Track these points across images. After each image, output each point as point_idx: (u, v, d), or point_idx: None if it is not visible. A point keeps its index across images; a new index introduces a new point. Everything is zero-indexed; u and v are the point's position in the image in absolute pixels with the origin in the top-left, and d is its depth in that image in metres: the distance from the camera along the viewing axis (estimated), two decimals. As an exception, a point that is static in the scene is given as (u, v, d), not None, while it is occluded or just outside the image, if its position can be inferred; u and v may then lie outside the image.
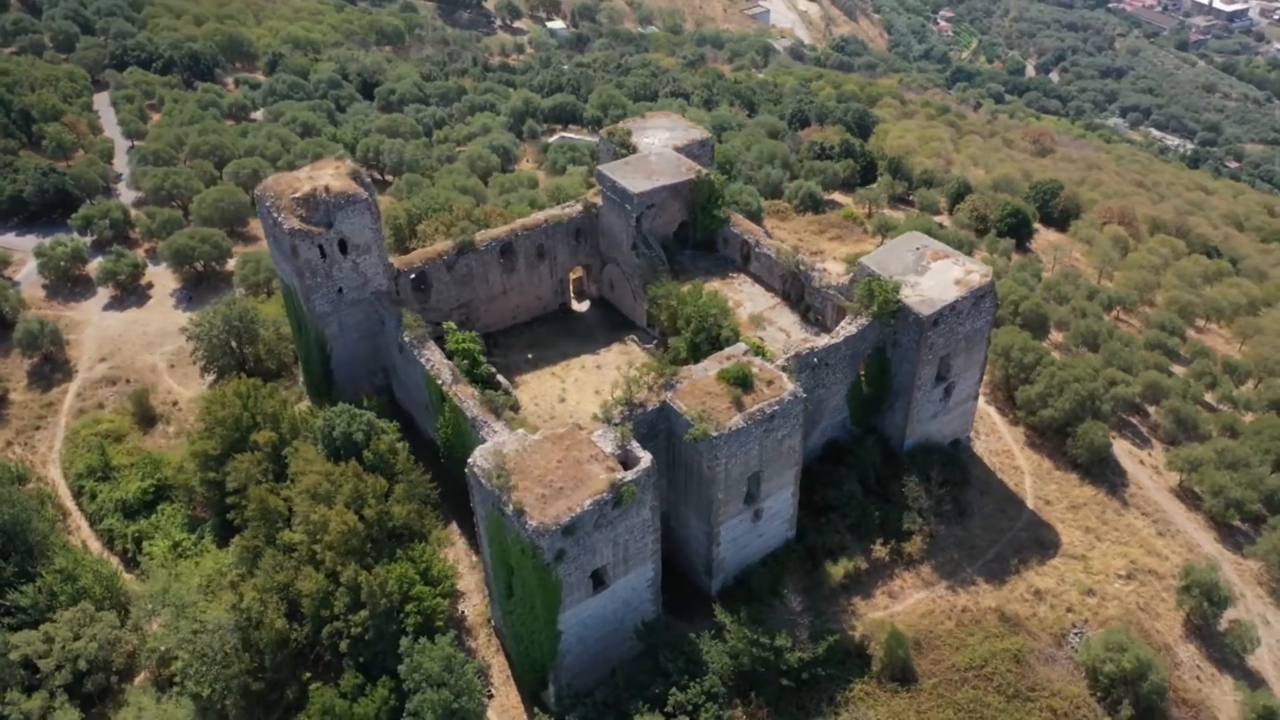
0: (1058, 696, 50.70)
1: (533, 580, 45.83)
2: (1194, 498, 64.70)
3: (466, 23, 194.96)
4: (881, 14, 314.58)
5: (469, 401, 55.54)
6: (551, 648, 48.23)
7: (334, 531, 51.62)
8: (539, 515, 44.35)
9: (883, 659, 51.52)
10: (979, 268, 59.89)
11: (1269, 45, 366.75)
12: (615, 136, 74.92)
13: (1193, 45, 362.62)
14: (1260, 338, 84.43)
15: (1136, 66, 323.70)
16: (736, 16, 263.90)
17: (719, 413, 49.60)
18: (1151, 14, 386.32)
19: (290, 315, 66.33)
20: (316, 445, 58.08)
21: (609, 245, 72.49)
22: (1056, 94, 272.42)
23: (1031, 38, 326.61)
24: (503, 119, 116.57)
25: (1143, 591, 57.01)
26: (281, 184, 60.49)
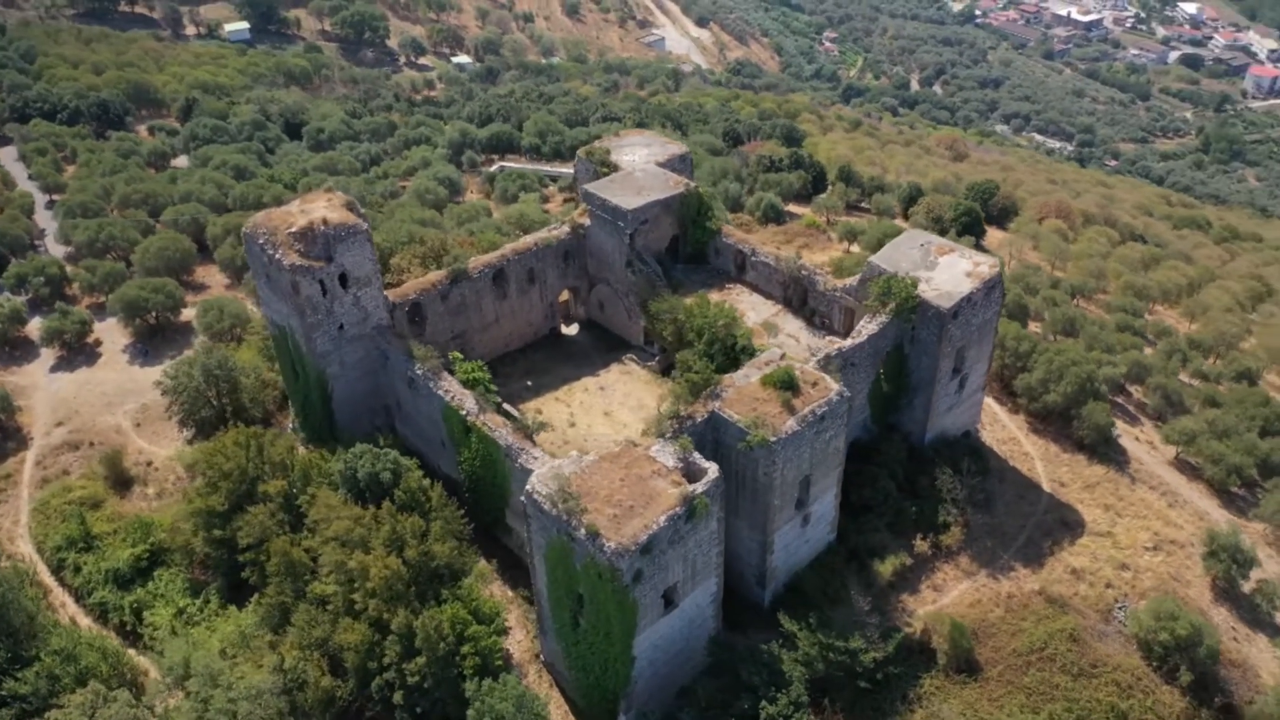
0: (1119, 670, 51.42)
1: (610, 605, 44.14)
2: (1190, 469, 66.91)
3: (371, 61, 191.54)
4: (770, 37, 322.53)
5: (500, 430, 53.59)
6: (626, 675, 46.53)
7: (376, 578, 48.87)
8: (616, 536, 42.85)
9: (947, 651, 51.44)
10: (986, 259, 61.06)
11: (1125, 51, 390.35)
12: (595, 156, 74.13)
13: (1057, 54, 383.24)
14: (1208, 315, 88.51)
15: (1011, 76, 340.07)
16: (633, 45, 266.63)
17: (772, 418, 49.00)
18: (1016, 27, 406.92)
19: (282, 358, 63.02)
20: (337, 490, 55.14)
21: (598, 265, 71.41)
22: (944, 105, 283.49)
23: (911, 54, 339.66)
24: (441, 151, 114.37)
25: (1170, 561, 58.51)
26: (273, 219, 57.63)
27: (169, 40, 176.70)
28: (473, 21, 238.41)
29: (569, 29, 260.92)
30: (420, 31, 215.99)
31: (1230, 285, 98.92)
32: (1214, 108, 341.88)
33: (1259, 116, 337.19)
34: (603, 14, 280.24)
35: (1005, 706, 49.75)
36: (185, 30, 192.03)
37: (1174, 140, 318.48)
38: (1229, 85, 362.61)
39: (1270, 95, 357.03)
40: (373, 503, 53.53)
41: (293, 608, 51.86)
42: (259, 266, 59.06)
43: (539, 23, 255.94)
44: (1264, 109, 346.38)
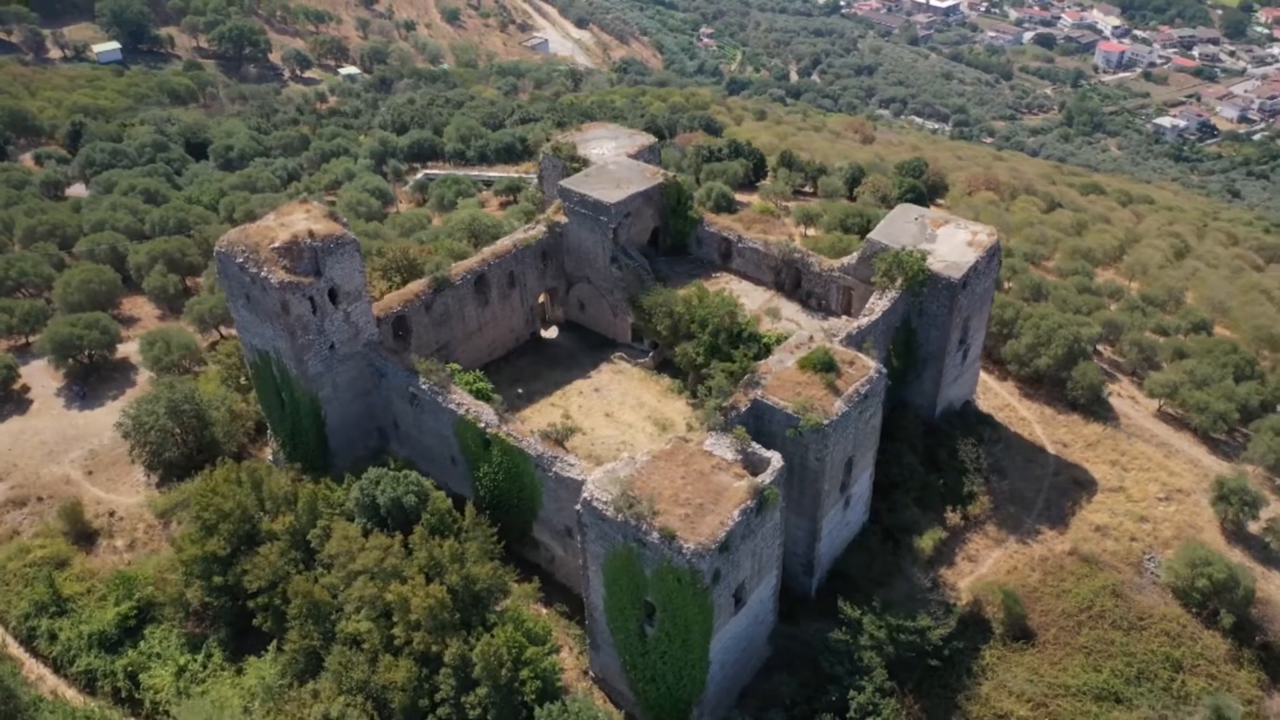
0: (1164, 620, 52.18)
1: (690, 610, 42.03)
2: (1173, 420, 68.79)
3: (255, 77, 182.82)
4: (650, 36, 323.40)
5: (529, 439, 50.76)
6: (701, 681, 44.53)
7: (418, 609, 45.49)
8: (693, 536, 40.82)
9: (1002, 620, 51.22)
10: (981, 228, 61.34)
11: (983, 34, 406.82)
12: (562, 152, 71.68)
13: (921, 40, 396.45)
14: (1149, 274, 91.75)
15: (883, 63, 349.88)
16: (517, 49, 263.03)
17: (819, 401, 47.74)
18: (880, 15, 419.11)
19: (263, 386, 58.45)
20: (352, 520, 51.33)
21: (578, 264, 69.00)
22: (826, 94, 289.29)
23: (787, 45, 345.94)
24: (364, 162, 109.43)
25: (1182, 510, 59.84)
26: (252, 236, 53.29)
27: (34, 65, 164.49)
28: (354, 32, 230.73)
29: (451, 35, 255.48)
30: (302, 44, 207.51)
31: (1156, 243, 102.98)
32: (1071, 83, 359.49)
33: (1112, 89, 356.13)
34: (483, 19, 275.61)
35: (1068, 668, 49.80)
36: (49, 54, 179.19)
37: (1039, 116, 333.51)
38: (1081, 61, 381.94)
39: (1119, 69, 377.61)
40: (396, 530, 49.97)
41: (322, 651, 47.91)
42: (236, 288, 54.54)
43: (421, 30, 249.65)
44: (1115, 82, 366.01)
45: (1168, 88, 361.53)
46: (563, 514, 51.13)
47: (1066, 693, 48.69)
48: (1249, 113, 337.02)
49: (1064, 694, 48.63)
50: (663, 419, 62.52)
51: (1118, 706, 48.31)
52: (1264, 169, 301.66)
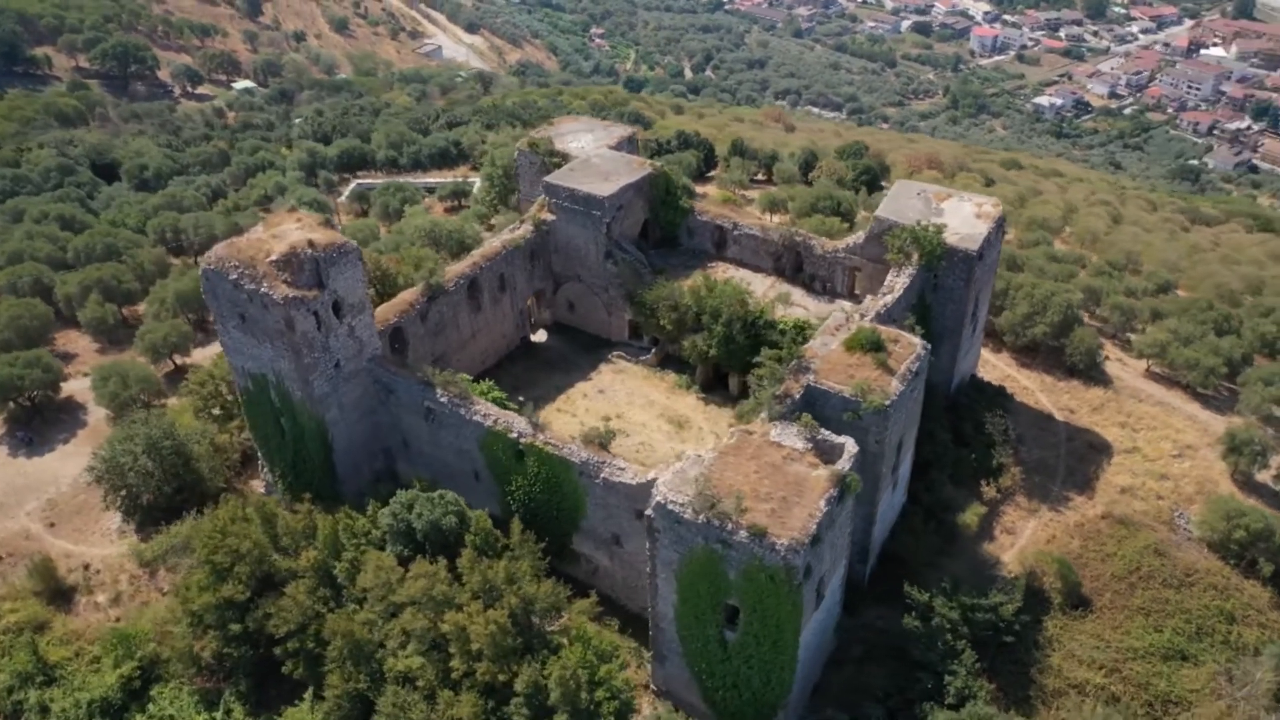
0: (1209, 574, 52.55)
1: (782, 609, 39.94)
2: (1162, 379, 69.92)
3: (145, 95, 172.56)
4: (542, 38, 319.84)
5: (570, 446, 47.89)
6: (789, 682, 42.48)
7: (479, 637, 42.21)
8: (783, 531, 38.78)
9: (1060, 589, 50.74)
10: (986, 199, 61.07)
11: (863, 24, 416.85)
12: (539, 147, 68.76)
13: (805, 32, 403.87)
14: (1099, 242, 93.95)
15: (773, 56, 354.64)
16: (410, 56, 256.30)
17: (876, 381, 46.26)
18: (763, 10, 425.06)
19: (257, 413, 53.91)
20: (383, 549, 47.57)
21: (567, 262, 66.25)
22: (724, 88, 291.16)
23: (678, 42, 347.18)
24: (294, 174, 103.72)
25: (1196, 465, 60.71)
26: (243, 250, 48.91)
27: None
28: (241, 45, 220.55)
29: (342, 45, 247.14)
30: (190, 60, 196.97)
31: (1095, 211, 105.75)
32: (951, 68, 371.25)
33: (990, 72, 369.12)
34: (372, 27, 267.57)
35: (1130, 631, 49.61)
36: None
37: (926, 101, 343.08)
38: (958, 47, 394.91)
39: (994, 53, 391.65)
40: (436, 555, 46.42)
41: (371, 694, 44.05)
42: (228, 308, 50.02)
43: (312, 41, 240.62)
44: (991, 65, 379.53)
45: (1041, 69, 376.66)
46: (611, 522, 48.50)
47: (1134, 655, 48.46)
48: (1117, 88, 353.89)
49: (1132, 657, 48.39)
50: (676, 416, 60.41)
51: (1185, 664, 48.33)
52: (1137, 141, 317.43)
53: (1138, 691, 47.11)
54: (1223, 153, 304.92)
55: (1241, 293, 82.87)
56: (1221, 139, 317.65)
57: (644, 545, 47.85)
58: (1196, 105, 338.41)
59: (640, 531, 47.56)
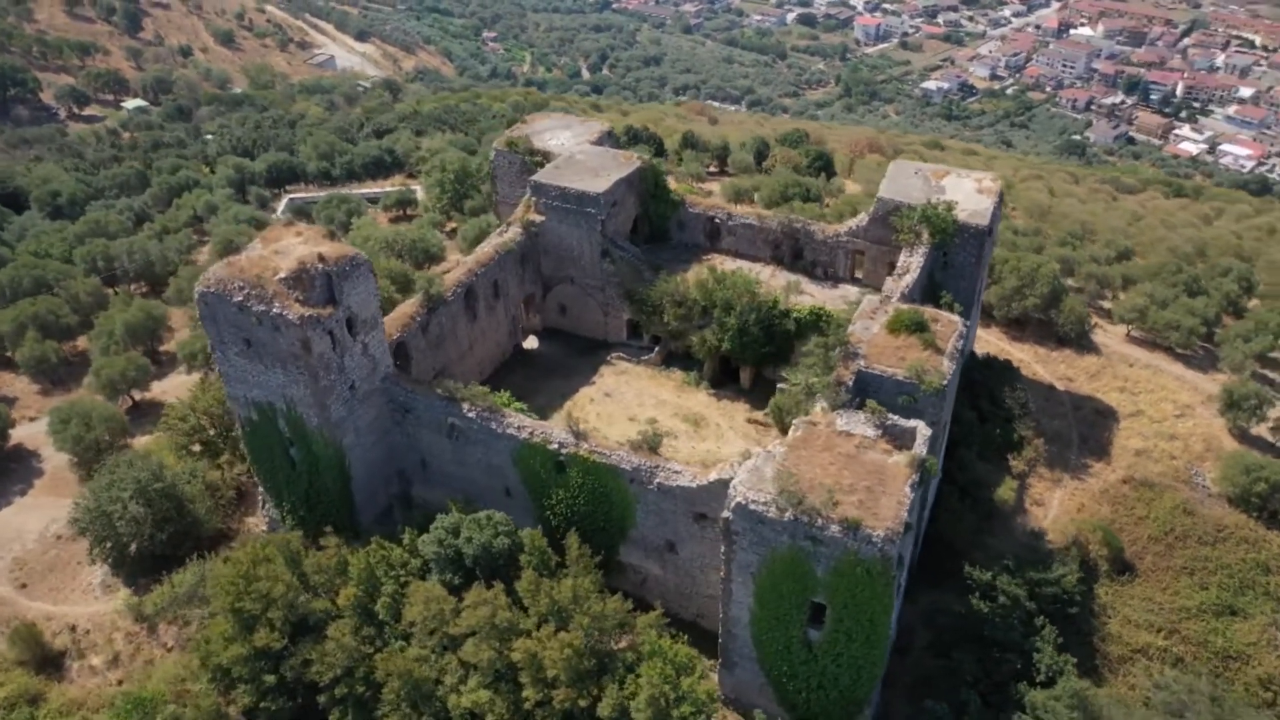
0: (1237, 528, 53.49)
1: (876, 601, 38.62)
2: (1143, 342, 71.34)
3: (29, 119, 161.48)
4: (435, 44, 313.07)
5: (618, 453, 45.68)
6: (878, 675, 41.27)
7: (555, 662, 39.71)
8: (877, 522, 37.49)
9: (1106, 557, 50.91)
10: (984, 174, 61.14)
11: (750, 17, 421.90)
12: (518, 146, 66.10)
13: (694, 28, 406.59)
14: (1050, 215, 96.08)
15: (667, 53, 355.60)
16: (303, 67, 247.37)
17: (928, 362, 45.43)
18: (650, 7, 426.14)
19: (262, 446, 49.95)
20: (425, 578, 44.53)
21: (558, 264, 63.84)
22: (624, 86, 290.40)
23: (571, 43, 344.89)
24: (223, 192, 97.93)
25: (1199, 423, 61.95)
26: (246, 270, 45.13)
27: None
28: (125, 63, 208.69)
29: (229, 58, 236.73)
30: (74, 80, 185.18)
31: (1033, 185, 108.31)
32: (839, 57, 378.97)
33: (877, 60, 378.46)
34: (259, 39, 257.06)
35: (1179, 591, 50.10)
36: None
37: (819, 90, 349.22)
38: (844, 36, 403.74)
39: (878, 40, 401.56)
40: (489, 580, 43.59)
41: (438, 734, 41.08)
42: (230, 333, 46.09)
43: (199, 55, 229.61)
44: (877, 53, 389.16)
45: (924, 54, 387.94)
46: (664, 528, 46.49)
47: (1187, 615, 48.95)
48: (998, 70, 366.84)
49: (1186, 616, 48.87)
50: (690, 414, 58.71)
51: (1235, 619, 49.00)
52: (1022, 119, 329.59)
53: (1198, 650, 47.57)
54: (1101, 127, 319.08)
55: (1192, 255, 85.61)
56: (1099, 114, 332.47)
57: (700, 550, 46.39)
58: (1072, 83, 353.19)
59: (697, 536, 45.96)
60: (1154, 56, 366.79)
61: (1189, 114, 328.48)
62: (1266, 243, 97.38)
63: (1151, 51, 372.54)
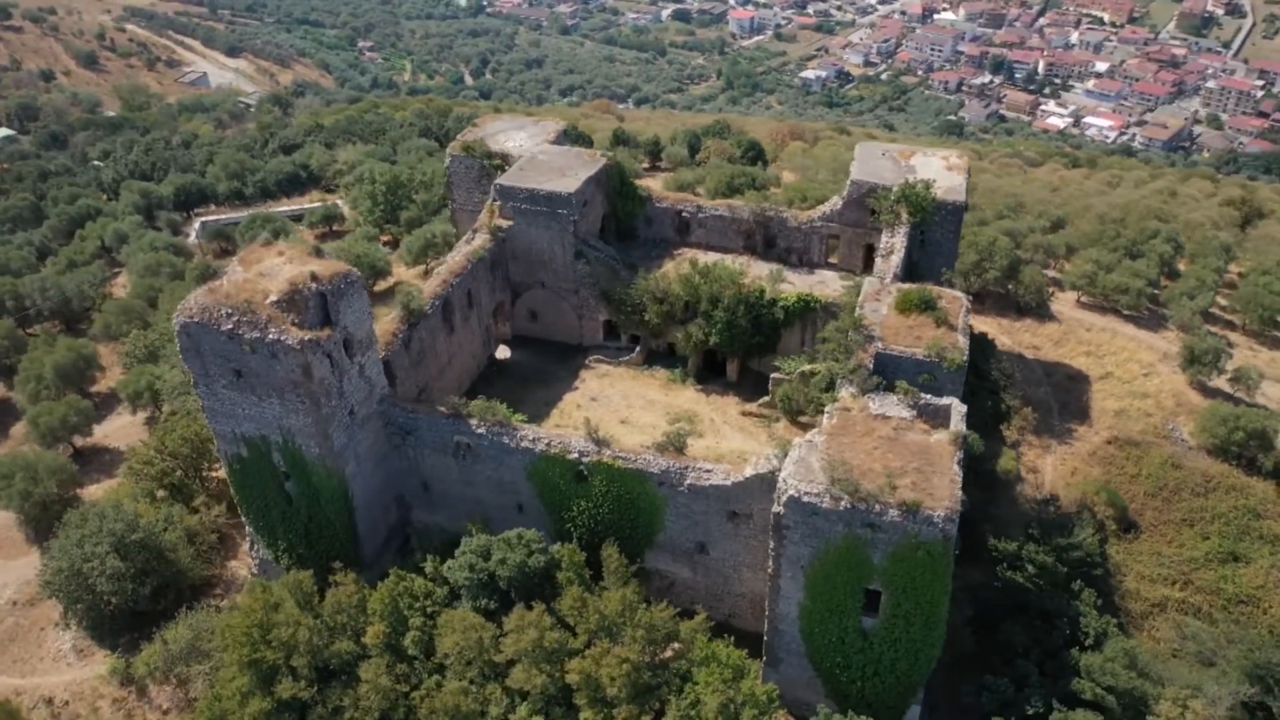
0: (1222, 476, 55.32)
1: (936, 582, 38.28)
2: (1093, 306, 73.48)
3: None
4: (311, 56, 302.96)
5: (645, 456, 44.22)
6: (936, 655, 40.91)
7: (614, 679, 38.11)
8: (935, 502, 37.17)
9: (1113, 516, 51.99)
10: (949, 152, 61.87)
11: (625, 16, 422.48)
12: (475, 150, 63.73)
13: (571, 29, 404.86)
14: (976, 189, 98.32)
15: (548, 55, 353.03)
16: (175, 86, 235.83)
17: (944, 339, 45.43)
18: (524, 10, 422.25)
19: (252, 484, 46.56)
20: (453, 605, 42.26)
21: (528, 269, 61.88)
22: (514, 91, 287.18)
23: (450, 49, 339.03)
24: (133, 219, 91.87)
25: (1164, 378, 64.04)
26: (232, 295, 41.92)
27: None
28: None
29: (95, 81, 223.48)
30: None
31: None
32: (718, 51, 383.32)
33: (754, 52, 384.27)
34: (124, 59, 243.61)
35: (1184, 543, 51.54)
36: None
37: (702, 85, 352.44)
38: (720, 31, 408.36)
39: (753, 33, 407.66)
40: (525, 601, 41.57)
41: (495, 770, 38.92)
42: (217, 364, 42.75)
43: (62, 79, 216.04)
44: (753, 45, 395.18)
45: (799, 44, 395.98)
46: (694, 530, 45.26)
47: (1196, 565, 50.39)
48: (870, 56, 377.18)
49: (1195, 567, 50.30)
50: (684, 412, 57.63)
51: (1238, 564, 50.64)
52: (899, 103, 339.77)
53: (1212, 599, 49.00)
54: (974, 107, 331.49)
55: (1119, 221, 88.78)
56: (969, 94, 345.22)
57: (734, 549, 45.44)
58: (942, 66, 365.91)
59: (730, 535, 44.95)
60: (1014, 37, 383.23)
61: (1052, 90, 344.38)
62: (1172, 205, 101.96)
63: (1011, 32, 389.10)
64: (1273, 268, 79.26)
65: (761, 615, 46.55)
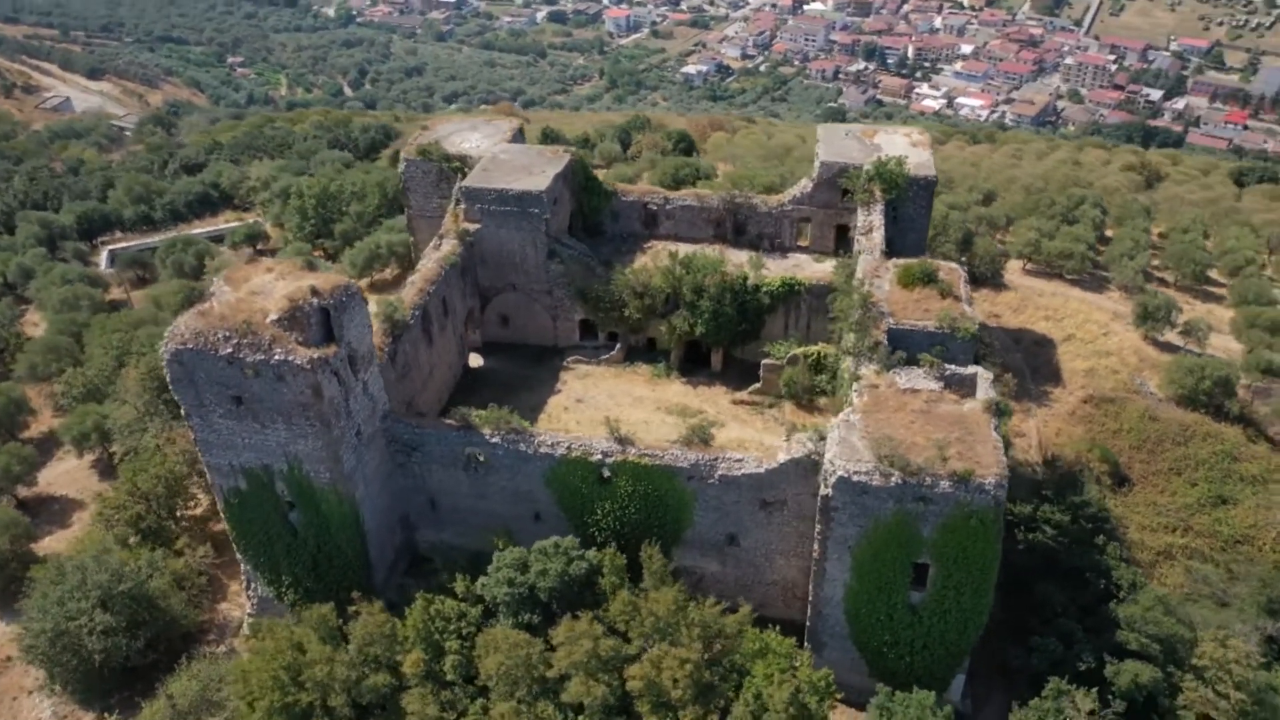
0: (1196, 424, 57.40)
1: (987, 550, 38.43)
2: (1038, 273, 75.63)
3: None
4: (179, 75, 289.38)
5: (673, 451, 43.13)
6: (982, 626, 41.09)
7: (680, 682, 37.00)
8: (985, 470, 37.31)
9: (1108, 472, 53.38)
10: (910, 129, 62.58)
11: (500, 20, 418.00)
12: (432, 154, 61.54)
13: (446, 35, 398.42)
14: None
15: (427, 62, 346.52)
16: (36, 113, 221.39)
17: (953, 310, 45.76)
18: (395, 18, 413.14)
19: (252, 519, 43.56)
20: (491, 625, 40.42)
21: (498, 271, 60.06)
22: (399, 100, 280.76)
23: (325, 61, 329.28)
24: (35, 252, 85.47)
25: (1121, 336, 66.28)
26: (229, 318, 39.09)
27: None
28: None
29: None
30: None
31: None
32: (597, 51, 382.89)
33: (633, 50, 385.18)
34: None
35: (1176, 491, 53.31)
36: None
37: (586, 85, 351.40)
38: (596, 30, 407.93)
39: (630, 31, 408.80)
40: (567, 612, 39.99)
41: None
42: (214, 393, 39.82)
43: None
44: (631, 43, 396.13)
45: (676, 40, 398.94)
46: (725, 522, 44.41)
47: (1190, 511, 52.18)
48: (747, 49, 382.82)
49: (1190, 513, 52.10)
50: (674, 406, 56.69)
51: (1228, 506, 52.65)
52: (780, 93, 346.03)
53: (1211, 541, 50.83)
54: (852, 93, 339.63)
55: (1042, 191, 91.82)
56: (846, 81, 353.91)
57: (766, 537, 44.83)
58: (817, 55, 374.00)
59: (762, 523, 44.31)
60: (882, 24, 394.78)
61: (923, 74, 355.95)
62: (1081, 173, 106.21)
63: (879, 19, 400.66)
64: (1191, 225, 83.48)
65: (793, 602, 46.35)
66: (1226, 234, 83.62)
